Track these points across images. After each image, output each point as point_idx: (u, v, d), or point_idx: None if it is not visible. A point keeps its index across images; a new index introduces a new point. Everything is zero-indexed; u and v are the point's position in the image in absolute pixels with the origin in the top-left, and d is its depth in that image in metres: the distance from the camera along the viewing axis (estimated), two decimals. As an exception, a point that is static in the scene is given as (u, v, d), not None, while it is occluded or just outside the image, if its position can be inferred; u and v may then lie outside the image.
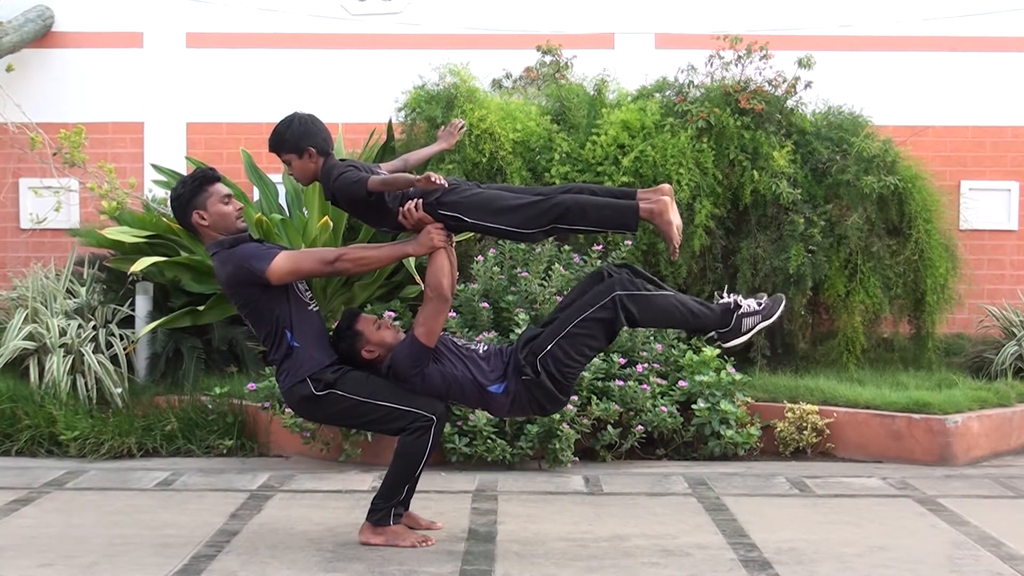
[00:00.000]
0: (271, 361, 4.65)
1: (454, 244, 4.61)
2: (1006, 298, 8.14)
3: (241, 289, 4.49)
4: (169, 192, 4.79)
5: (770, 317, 4.54)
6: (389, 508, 4.59)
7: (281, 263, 4.41)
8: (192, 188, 4.56)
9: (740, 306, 4.52)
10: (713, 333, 4.61)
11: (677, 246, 4.40)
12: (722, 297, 4.60)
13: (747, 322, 4.52)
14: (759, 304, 4.54)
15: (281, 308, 4.50)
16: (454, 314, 6.40)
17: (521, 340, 4.61)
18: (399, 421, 4.50)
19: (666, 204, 4.35)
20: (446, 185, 4.39)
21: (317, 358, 4.52)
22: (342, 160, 4.63)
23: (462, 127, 4.86)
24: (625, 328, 4.97)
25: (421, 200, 4.46)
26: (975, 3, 8.50)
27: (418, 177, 4.34)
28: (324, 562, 4.35)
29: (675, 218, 4.36)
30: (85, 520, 5.02)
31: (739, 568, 4.31)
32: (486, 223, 4.46)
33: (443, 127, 5.18)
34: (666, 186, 4.48)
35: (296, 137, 4.56)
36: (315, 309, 4.65)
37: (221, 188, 4.61)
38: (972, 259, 7.99)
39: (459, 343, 4.69)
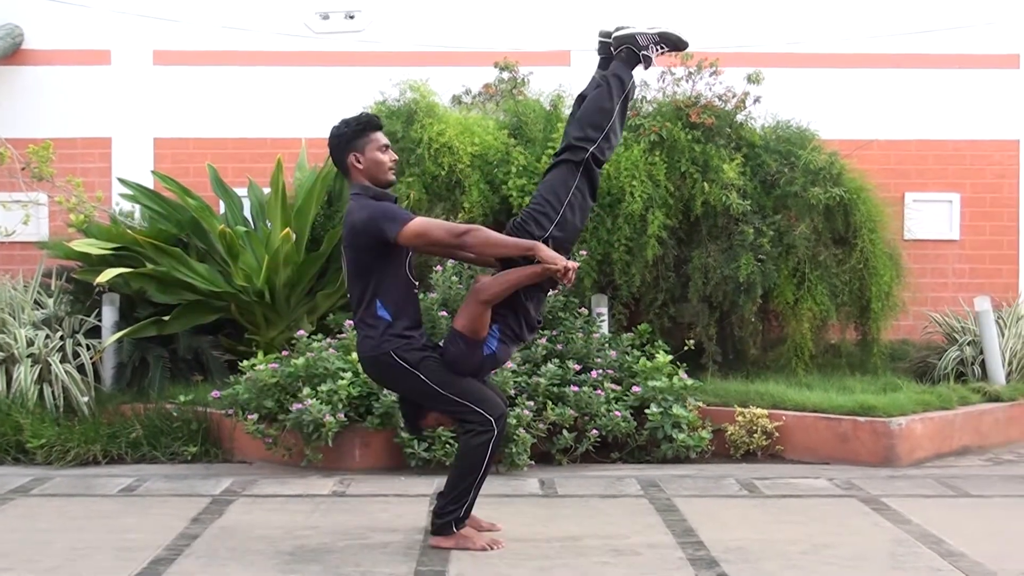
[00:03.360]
0: (355, 321, 4.62)
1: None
2: (948, 305, 8.33)
3: (362, 238, 4.46)
4: (332, 131, 4.64)
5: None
6: (450, 520, 4.61)
7: (412, 227, 4.40)
8: (355, 130, 4.57)
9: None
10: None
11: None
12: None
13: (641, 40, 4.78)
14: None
15: (384, 277, 4.49)
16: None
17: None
18: (464, 416, 4.54)
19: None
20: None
21: (410, 337, 4.52)
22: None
23: None
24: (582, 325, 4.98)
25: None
26: (918, 22, 8.72)
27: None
28: (282, 564, 4.40)
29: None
30: (49, 525, 5.06)
31: (687, 566, 4.37)
32: None
33: None
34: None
35: None
36: (416, 291, 4.66)
37: (381, 137, 4.63)
38: (916, 268, 8.17)
39: None
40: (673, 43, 4.84)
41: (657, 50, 4.79)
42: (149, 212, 7.74)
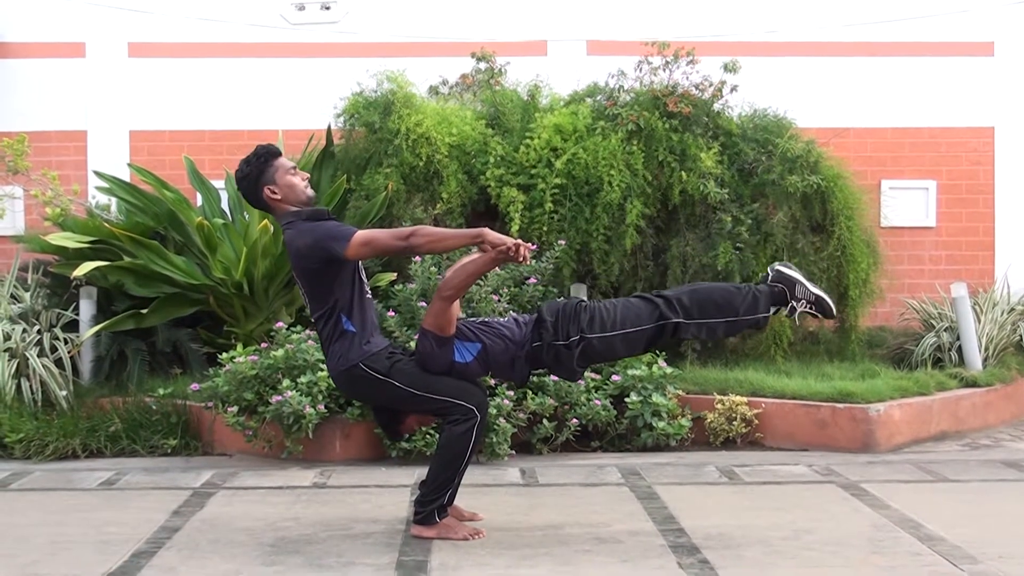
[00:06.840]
0: (321, 340, 4.64)
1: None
2: (925, 292, 8.38)
3: (311, 263, 4.47)
4: (234, 172, 4.71)
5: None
6: (433, 510, 4.61)
7: (358, 239, 4.40)
8: (258, 165, 4.59)
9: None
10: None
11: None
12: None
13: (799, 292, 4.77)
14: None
15: (343, 292, 4.51)
16: (393, 313, 6.55)
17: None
18: (446, 410, 4.56)
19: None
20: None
21: (372, 344, 4.55)
22: None
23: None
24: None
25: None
26: (894, 10, 8.77)
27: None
28: (264, 555, 4.40)
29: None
30: (28, 520, 5.04)
31: (668, 553, 4.39)
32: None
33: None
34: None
35: None
36: (370, 296, 4.70)
37: (285, 162, 4.64)
38: (893, 255, 8.22)
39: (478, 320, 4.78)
40: (823, 310, 4.82)
41: (804, 306, 4.78)
42: (126, 205, 7.71)
